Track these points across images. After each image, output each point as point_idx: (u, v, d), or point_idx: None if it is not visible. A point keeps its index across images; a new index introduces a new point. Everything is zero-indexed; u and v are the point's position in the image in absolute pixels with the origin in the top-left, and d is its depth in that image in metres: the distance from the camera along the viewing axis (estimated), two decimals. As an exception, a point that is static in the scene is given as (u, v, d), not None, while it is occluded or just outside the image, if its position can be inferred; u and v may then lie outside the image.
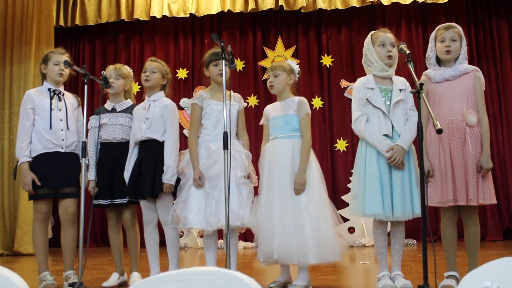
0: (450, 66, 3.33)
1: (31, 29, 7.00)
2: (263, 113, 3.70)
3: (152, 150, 3.62)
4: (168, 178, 3.52)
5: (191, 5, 7.33)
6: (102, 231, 7.30)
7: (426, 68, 3.49)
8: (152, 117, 3.65)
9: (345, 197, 6.94)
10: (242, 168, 3.43)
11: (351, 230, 6.74)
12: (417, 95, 2.92)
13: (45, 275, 3.66)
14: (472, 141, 3.18)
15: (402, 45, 3.18)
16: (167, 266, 3.66)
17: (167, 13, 7.38)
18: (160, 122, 3.65)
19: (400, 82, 3.40)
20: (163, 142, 3.62)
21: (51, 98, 3.79)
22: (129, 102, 3.94)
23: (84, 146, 3.44)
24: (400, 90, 3.34)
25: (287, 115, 3.50)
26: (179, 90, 7.63)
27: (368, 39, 3.43)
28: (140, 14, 7.39)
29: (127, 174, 3.66)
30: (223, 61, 3.12)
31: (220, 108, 3.49)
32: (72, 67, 3.59)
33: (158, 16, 7.38)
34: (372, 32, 3.47)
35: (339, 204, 7.03)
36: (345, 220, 6.74)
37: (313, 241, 3.25)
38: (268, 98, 7.18)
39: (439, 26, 3.41)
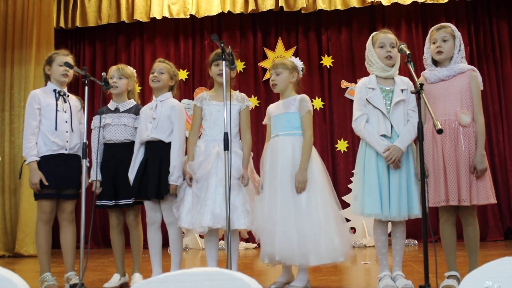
0: (445, 66, 3.33)
1: (31, 31, 7.00)
2: (265, 113, 3.69)
3: (157, 151, 3.61)
4: (174, 179, 3.52)
5: (191, 6, 7.33)
6: (103, 232, 7.30)
7: (425, 69, 3.50)
8: (159, 117, 3.64)
9: (345, 198, 6.92)
10: (233, 169, 3.34)
11: (352, 230, 6.74)
12: (417, 96, 2.92)
13: (47, 276, 3.66)
14: (466, 141, 3.17)
15: (402, 46, 3.18)
16: (168, 267, 3.66)
17: (167, 14, 7.38)
18: (166, 123, 3.64)
19: (403, 82, 3.39)
20: (169, 143, 3.61)
21: (57, 99, 3.80)
22: (132, 102, 3.94)
23: (85, 147, 3.44)
24: (402, 90, 3.34)
25: (289, 112, 3.48)
26: (179, 91, 7.61)
27: (369, 41, 3.45)
28: (140, 15, 7.39)
29: (132, 175, 3.66)
30: (224, 62, 3.12)
31: (218, 108, 3.49)
32: (73, 69, 3.60)
33: (158, 17, 7.38)
34: (374, 33, 3.48)
35: (340, 204, 7.01)
36: (347, 220, 6.73)
37: (314, 242, 3.23)
38: (268, 98, 7.17)
39: (432, 28, 3.42)
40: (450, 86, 3.26)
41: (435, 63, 3.39)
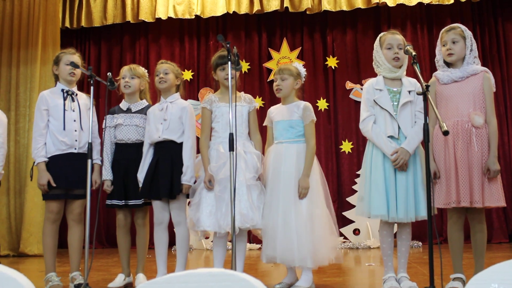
0: (458, 67, 3.32)
1: (37, 31, 7.02)
2: (267, 114, 3.72)
3: (169, 151, 3.62)
4: (187, 179, 3.54)
5: (196, 7, 7.33)
6: (107, 232, 7.30)
7: (431, 70, 3.49)
8: (170, 118, 3.66)
9: (350, 199, 6.92)
10: (252, 169, 3.44)
11: (356, 232, 6.72)
12: (423, 97, 2.91)
13: (52, 276, 3.67)
14: (478, 143, 3.16)
15: (408, 47, 3.17)
16: (173, 267, 3.67)
17: (172, 15, 7.38)
18: (177, 124, 3.66)
19: (410, 83, 3.38)
20: (180, 143, 3.63)
21: (65, 99, 3.80)
22: (144, 103, 3.95)
23: (91, 147, 3.43)
24: (409, 91, 3.34)
25: (292, 120, 3.52)
26: (185, 91, 7.62)
27: (377, 41, 3.45)
28: (145, 15, 7.39)
29: (141, 175, 3.67)
30: (229, 63, 3.13)
31: (229, 110, 3.50)
32: (78, 68, 3.60)
33: (164, 17, 7.38)
34: (382, 34, 3.48)
35: (344, 205, 7.02)
36: (351, 222, 6.73)
37: (311, 245, 3.31)
38: (273, 99, 7.16)
39: (442, 30, 3.40)
40: (463, 87, 3.25)
41: (448, 64, 3.38)
